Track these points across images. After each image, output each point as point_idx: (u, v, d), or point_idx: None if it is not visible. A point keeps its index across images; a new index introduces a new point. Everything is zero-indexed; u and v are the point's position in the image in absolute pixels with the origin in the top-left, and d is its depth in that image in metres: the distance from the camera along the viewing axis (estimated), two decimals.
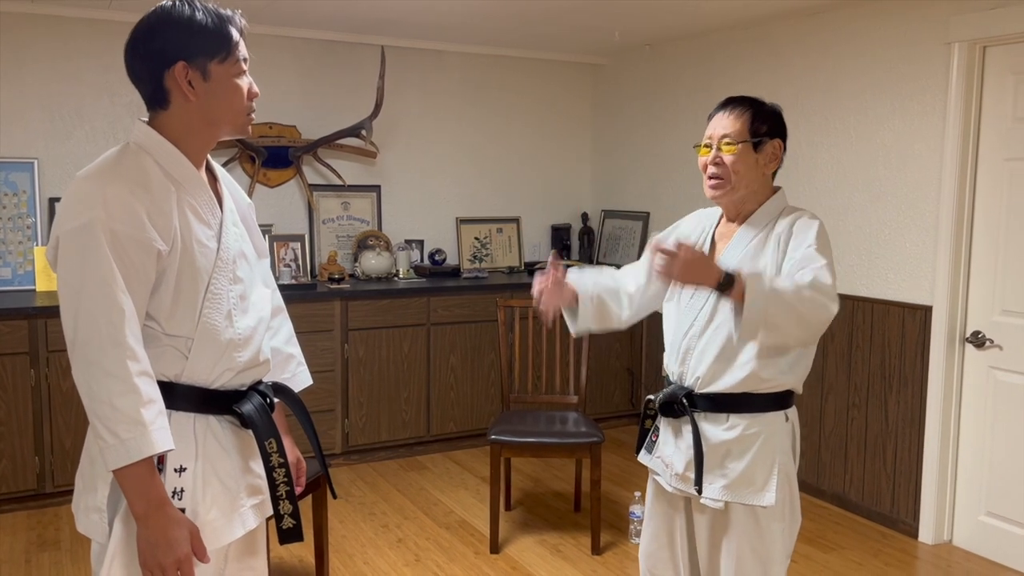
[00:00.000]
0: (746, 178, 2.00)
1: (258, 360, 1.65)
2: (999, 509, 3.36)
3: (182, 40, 1.52)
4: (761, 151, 2.01)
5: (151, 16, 1.55)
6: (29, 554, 3.33)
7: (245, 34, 1.59)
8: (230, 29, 1.55)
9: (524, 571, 3.24)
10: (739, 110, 2.02)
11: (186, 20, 1.53)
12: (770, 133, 2.01)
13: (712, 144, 2.03)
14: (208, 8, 1.55)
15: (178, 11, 1.53)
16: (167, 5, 1.55)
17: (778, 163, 2.06)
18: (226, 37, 1.54)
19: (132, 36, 1.56)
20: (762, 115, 2.02)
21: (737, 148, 1.99)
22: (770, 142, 2.01)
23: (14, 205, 4.13)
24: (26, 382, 3.69)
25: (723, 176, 2.01)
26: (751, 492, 1.98)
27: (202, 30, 1.52)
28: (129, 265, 1.45)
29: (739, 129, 1.99)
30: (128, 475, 1.43)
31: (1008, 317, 3.30)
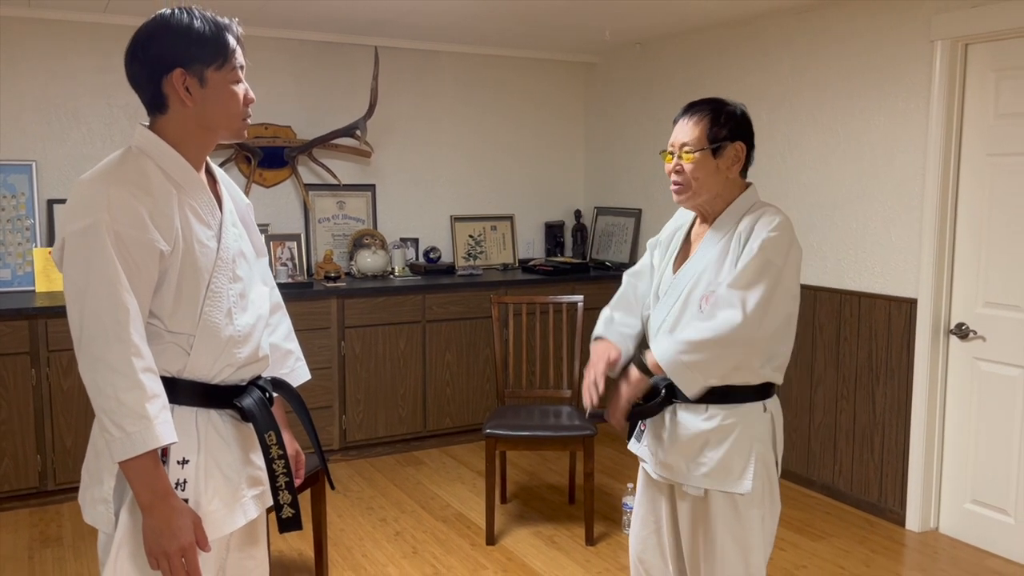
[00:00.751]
0: (706, 184, 2.06)
1: (257, 356, 1.71)
2: (984, 497, 3.43)
3: (180, 47, 1.57)
4: (721, 156, 2.05)
5: (151, 23, 1.60)
6: (32, 550, 3.39)
7: (242, 42, 1.65)
8: (227, 37, 1.60)
9: (519, 562, 3.30)
10: (698, 116, 2.07)
11: (184, 28, 1.58)
12: (730, 136, 2.06)
13: (674, 152, 2.09)
14: (206, 16, 1.60)
15: (177, 19, 1.58)
16: (166, 13, 1.60)
17: (741, 164, 2.10)
18: (223, 45, 1.59)
19: (132, 42, 1.61)
20: (721, 120, 2.06)
21: (695, 156, 2.04)
22: (731, 145, 2.06)
23: (13, 207, 4.18)
24: (27, 382, 3.74)
25: (684, 183, 2.07)
26: (729, 480, 2.05)
27: (200, 38, 1.58)
28: (132, 265, 1.51)
29: (697, 136, 2.05)
30: (134, 467, 1.49)
31: (991, 309, 3.37)
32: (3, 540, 3.48)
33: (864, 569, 3.25)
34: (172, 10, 1.60)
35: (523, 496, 3.99)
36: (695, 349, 1.96)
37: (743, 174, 2.16)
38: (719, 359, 1.97)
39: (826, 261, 3.95)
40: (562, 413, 3.63)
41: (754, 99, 4.28)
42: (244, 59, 1.65)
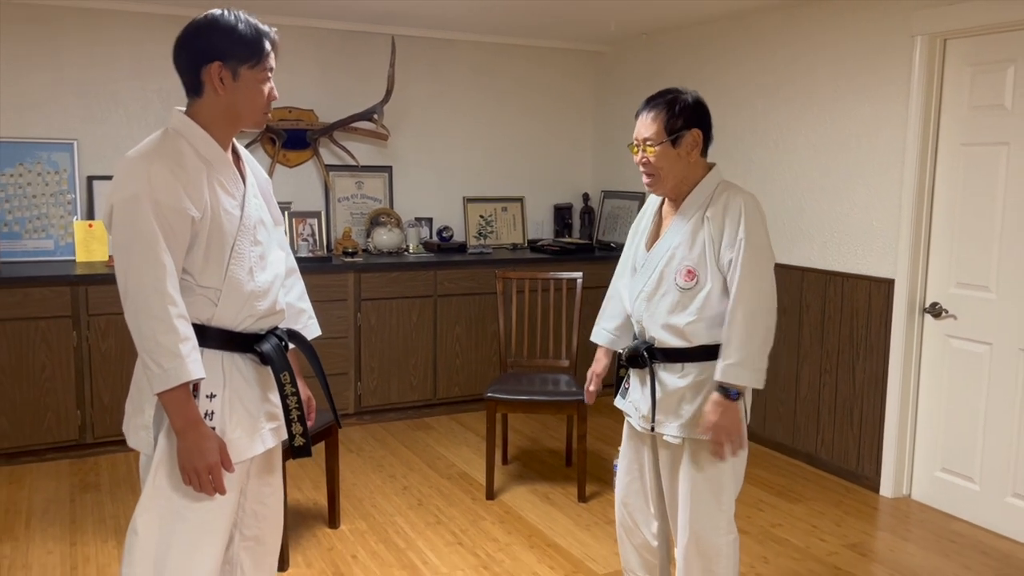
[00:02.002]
0: (671, 171, 2.32)
1: (275, 309, 1.99)
2: (953, 465, 3.66)
3: (222, 44, 1.84)
4: (680, 144, 2.30)
5: (202, 19, 1.87)
6: (73, 495, 3.72)
7: (277, 47, 1.92)
8: (264, 42, 1.87)
9: (516, 515, 3.59)
10: (655, 112, 2.31)
11: (229, 28, 1.85)
12: (686, 125, 2.30)
13: (639, 146, 2.34)
14: (250, 22, 1.87)
15: (224, 19, 1.86)
16: (216, 13, 1.87)
17: (699, 148, 2.35)
18: (260, 48, 1.86)
19: (183, 32, 1.88)
20: (676, 112, 2.30)
21: (657, 149, 2.30)
22: (688, 133, 2.31)
23: (55, 182, 4.50)
24: (68, 343, 4.07)
25: (652, 173, 2.33)
26: (703, 429, 2.31)
27: (240, 39, 1.85)
28: (168, 228, 1.79)
29: (657, 131, 2.30)
30: (170, 398, 1.78)
31: (962, 289, 3.59)
32: (47, 486, 3.82)
33: (835, 528, 3.50)
34: (223, 11, 1.87)
35: (523, 459, 4.28)
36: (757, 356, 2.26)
37: (705, 154, 2.41)
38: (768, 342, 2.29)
39: (813, 243, 4.17)
40: (560, 381, 3.90)
41: (749, 89, 4.51)
42: (275, 63, 1.92)
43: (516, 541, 3.33)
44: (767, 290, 2.27)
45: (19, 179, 4.42)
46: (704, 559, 2.36)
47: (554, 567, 3.12)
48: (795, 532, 3.45)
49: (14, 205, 4.41)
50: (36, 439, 4.06)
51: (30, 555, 3.15)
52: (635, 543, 2.57)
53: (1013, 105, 3.35)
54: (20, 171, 4.42)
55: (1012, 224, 3.37)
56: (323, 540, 3.32)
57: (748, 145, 4.51)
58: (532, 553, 3.23)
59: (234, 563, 2.14)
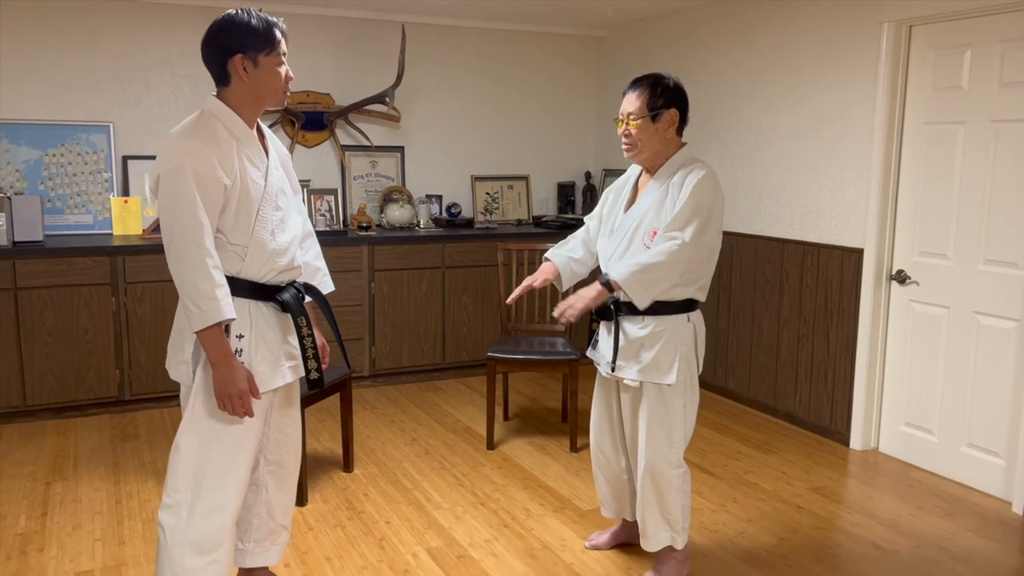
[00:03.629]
0: (648, 143, 2.65)
1: (293, 264, 2.35)
2: (915, 419, 3.97)
3: (241, 38, 2.20)
4: (659, 121, 2.64)
5: (220, 20, 2.23)
6: (115, 444, 4.13)
7: (286, 35, 2.27)
8: (275, 32, 2.23)
9: (513, 462, 3.95)
10: (639, 91, 2.65)
11: (244, 24, 2.20)
12: (666, 105, 2.64)
13: (623, 119, 2.67)
14: (260, 16, 2.22)
15: (239, 17, 2.21)
16: (232, 13, 2.23)
17: (675, 126, 2.68)
18: (272, 37, 2.22)
19: (207, 33, 2.24)
20: (657, 92, 2.64)
21: (639, 123, 2.63)
22: (666, 112, 2.64)
23: (94, 161, 4.89)
24: (108, 308, 4.47)
25: (631, 143, 2.66)
26: (658, 374, 2.65)
27: (255, 32, 2.20)
28: (206, 194, 2.15)
29: (639, 107, 2.63)
30: (206, 335, 2.14)
31: (925, 257, 3.89)
32: (91, 436, 4.23)
33: (803, 475, 3.83)
34: (237, 10, 2.23)
35: (523, 416, 4.64)
36: (646, 271, 2.54)
37: (680, 133, 2.74)
38: (664, 279, 2.56)
39: (793, 217, 4.48)
40: (556, 343, 4.24)
41: (736, 72, 4.81)
42: (287, 47, 2.27)
43: (511, 483, 3.70)
44: (691, 239, 2.53)
45: (61, 159, 4.81)
46: (657, 488, 2.72)
47: (544, 504, 3.49)
48: (766, 478, 3.79)
49: (56, 183, 4.81)
50: (80, 395, 4.47)
51: (80, 491, 3.56)
52: (607, 477, 2.94)
53: (969, 87, 3.64)
54: (62, 151, 4.81)
55: (968, 197, 3.67)
56: (338, 482, 3.70)
57: (735, 125, 4.81)
58: (525, 493, 3.60)
59: (260, 484, 2.52)
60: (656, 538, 2.77)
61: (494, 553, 3.05)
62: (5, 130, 4.68)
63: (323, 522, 3.29)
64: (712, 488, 3.67)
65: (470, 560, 3.00)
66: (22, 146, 4.72)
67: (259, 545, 2.56)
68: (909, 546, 3.15)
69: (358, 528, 3.24)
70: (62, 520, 3.28)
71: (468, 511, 3.41)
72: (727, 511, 3.44)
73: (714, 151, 4.96)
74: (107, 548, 3.05)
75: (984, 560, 3.05)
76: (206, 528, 2.23)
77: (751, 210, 4.75)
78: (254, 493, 2.52)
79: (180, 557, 2.22)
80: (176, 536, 2.23)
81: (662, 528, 2.76)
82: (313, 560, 2.98)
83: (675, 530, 2.76)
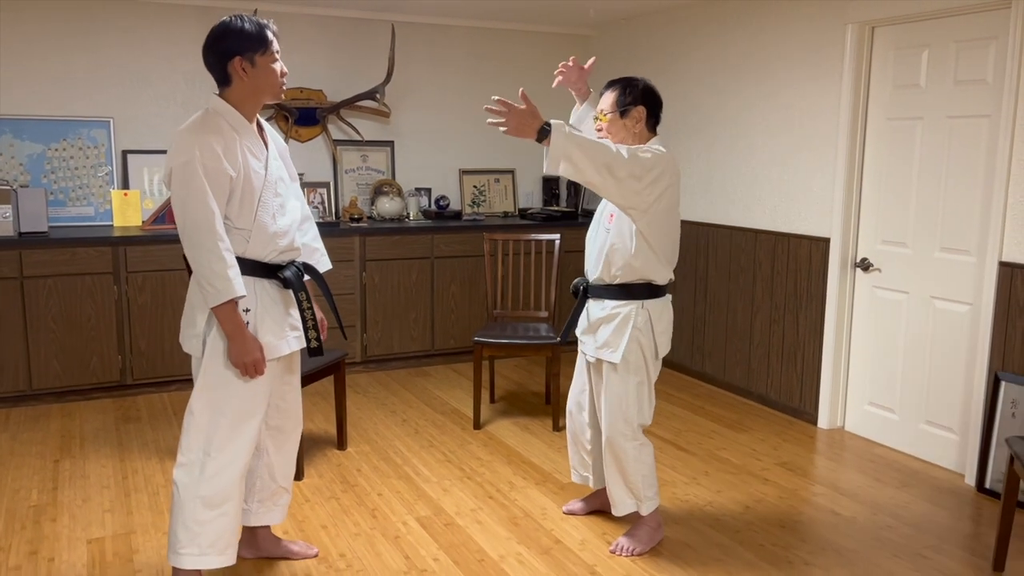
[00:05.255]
0: (618, 136, 2.89)
1: (293, 246, 2.57)
2: (878, 399, 4.21)
3: (237, 42, 2.41)
4: (627, 116, 2.87)
5: (218, 28, 2.43)
6: (118, 425, 4.33)
7: (277, 35, 2.48)
8: (267, 33, 2.44)
9: (498, 440, 4.17)
10: (612, 89, 2.91)
11: (239, 29, 2.41)
12: (634, 103, 2.87)
13: (597, 115, 2.91)
14: (252, 20, 2.44)
15: (234, 24, 2.42)
16: (227, 20, 2.44)
17: (643, 122, 2.90)
18: (264, 38, 2.43)
19: (206, 41, 2.44)
20: (626, 92, 2.88)
21: (609, 117, 2.87)
22: (634, 109, 2.88)
23: (95, 156, 5.08)
24: (110, 296, 4.66)
25: (603, 137, 2.89)
26: (608, 352, 2.89)
27: (249, 35, 2.41)
28: (214, 184, 2.35)
29: (611, 103, 2.88)
30: (221, 310, 2.35)
31: (887, 246, 4.12)
32: (95, 418, 4.42)
33: (771, 451, 4.06)
34: (231, 17, 2.44)
35: (509, 399, 4.86)
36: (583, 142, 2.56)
37: (653, 129, 2.96)
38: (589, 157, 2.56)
39: (765, 208, 4.71)
40: (540, 328, 4.46)
41: (714, 69, 5.03)
42: (279, 46, 2.48)
43: (496, 459, 3.92)
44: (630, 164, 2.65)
45: (63, 153, 4.99)
46: (616, 459, 2.96)
47: (526, 477, 3.71)
48: (736, 454, 4.02)
49: (59, 176, 4.99)
50: (83, 380, 4.66)
51: (87, 468, 3.76)
52: (577, 446, 3.18)
53: (927, 84, 3.86)
54: (64, 145, 4.99)
55: (925, 189, 3.90)
56: (332, 459, 3.91)
57: (713, 120, 5.03)
58: (509, 467, 3.82)
59: (261, 448, 2.74)
60: (622, 504, 3.02)
61: (479, 521, 3.27)
62: (10, 125, 4.86)
63: (318, 495, 3.50)
64: (685, 463, 3.90)
65: (456, 527, 3.21)
66: (26, 140, 4.90)
67: (262, 505, 2.78)
68: (866, 513, 3.38)
69: (352, 500, 3.45)
70: (72, 494, 3.48)
71: (455, 484, 3.62)
72: (698, 484, 3.67)
73: (694, 145, 5.18)
74: (116, 518, 3.26)
75: (933, 525, 3.29)
76: (216, 484, 2.44)
77: (726, 202, 4.98)
78: (256, 457, 2.73)
79: (193, 511, 2.44)
80: (189, 492, 2.44)
81: (626, 496, 3.00)
82: (310, 528, 3.19)
83: (638, 497, 3.00)
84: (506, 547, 3.05)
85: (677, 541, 3.12)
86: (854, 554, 3.04)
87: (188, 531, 2.46)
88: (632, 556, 2.98)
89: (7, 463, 3.79)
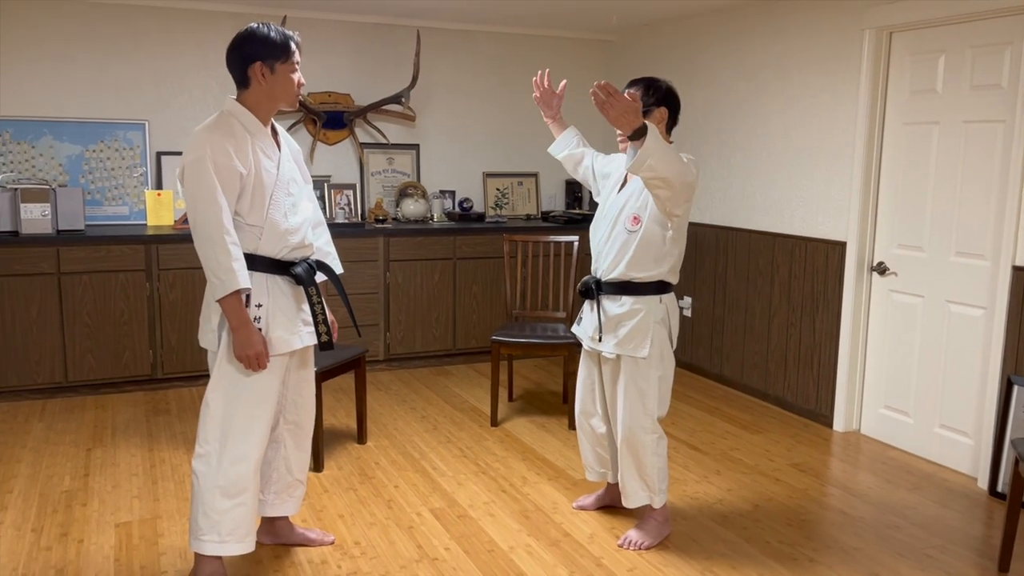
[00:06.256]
0: None
1: (304, 243, 2.67)
2: (893, 402, 4.22)
3: (261, 48, 2.52)
4: (649, 116, 2.92)
5: (244, 32, 2.55)
6: (148, 417, 4.48)
7: (300, 46, 2.59)
8: (291, 43, 2.55)
9: (514, 437, 4.25)
10: (634, 89, 2.94)
11: (264, 36, 2.52)
12: (656, 103, 2.92)
13: None
14: (278, 29, 2.54)
15: (260, 30, 2.53)
16: (254, 26, 2.55)
17: (664, 124, 2.96)
18: (287, 48, 2.53)
19: (232, 43, 2.56)
20: (650, 93, 2.93)
21: None
22: (656, 110, 2.93)
23: (130, 157, 5.25)
24: (143, 293, 4.82)
25: None
26: (632, 348, 2.94)
27: (273, 43, 2.52)
28: (225, 181, 2.46)
29: None
30: (227, 303, 2.46)
31: (903, 250, 4.14)
32: (126, 410, 4.58)
33: (785, 452, 4.10)
34: (258, 24, 2.55)
35: (527, 398, 4.94)
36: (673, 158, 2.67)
37: (669, 131, 3.02)
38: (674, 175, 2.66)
39: (782, 212, 4.74)
40: (557, 329, 4.53)
41: (733, 75, 5.07)
42: (300, 57, 2.59)
43: (512, 456, 4.00)
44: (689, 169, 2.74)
45: (100, 154, 5.18)
46: (634, 451, 3.01)
47: (540, 473, 3.78)
48: (750, 455, 4.06)
49: (96, 176, 5.17)
50: (116, 373, 4.83)
51: (117, 456, 3.91)
52: (591, 443, 3.24)
53: (943, 89, 3.88)
54: (101, 147, 5.17)
55: (941, 193, 3.91)
56: (352, 452, 4.02)
57: (731, 124, 5.08)
58: (524, 463, 3.90)
59: (279, 441, 2.84)
60: (635, 496, 3.07)
61: (491, 514, 3.35)
62: (50, 127, 5.05)
63: (337, 486, 3.61)
64: (697, 462, 3.95)
65: (469, 519, 3.30)
66: (65, 142, 5.09)
67: (278, 497, 2.89)
68: (874, 513, 3.41)
69: (369, 491, 3.56)
70: (102, 480, 3.62)
71: (470, 478, 3.71)
72: (709, 482, 3.72)
73: (713, 149, 5.23)
74: (143, 504, 3.39)
75: (942, 526, 3.31)
76: (233, 474, 2.55)
77: (745, 205, 5.02)
78: (274, 449, 2.84)
79: (211, 500, 2.55)
80: (207, 481, 2.55)
81: (640, 488, 3.05)
82: (327, 517, 3.30)
83: (652, 490, 3.05)
84: (516, 539, 3.13)
85: (684, 536, 3.17)
86: (859, 552, 3.07)
87: (208, 519, 2.57)
88: (640, 550, 3.04)
89: (42, 450, 3.95)
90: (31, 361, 4.65)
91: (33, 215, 4.65)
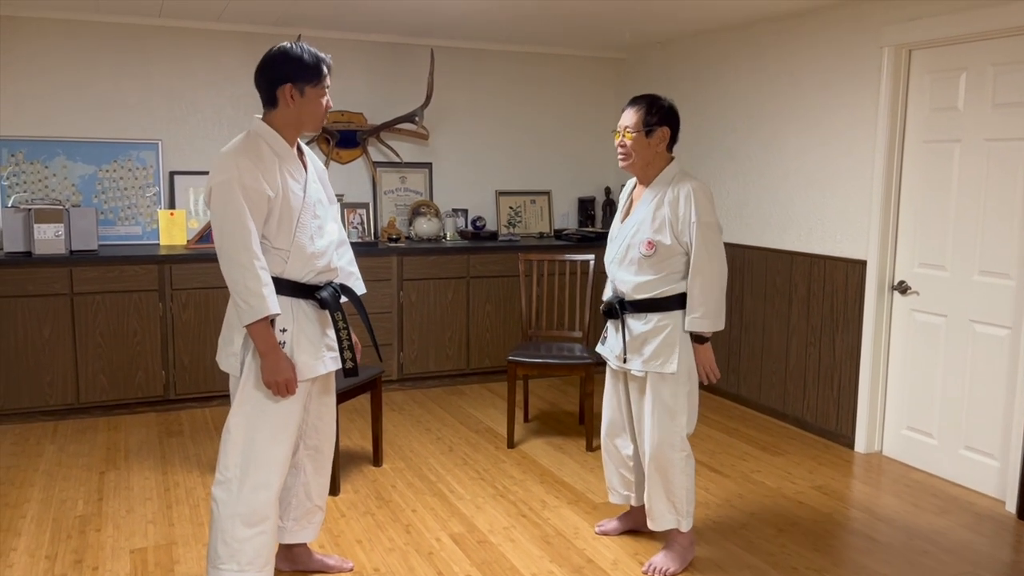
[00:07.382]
0: (641, 154, 2.91)
1: (330, 267, 2.64)
2: (916, 423, 4.16)
3: (293, 70, 2.48)
4: (652, 136, 2.90)
5: (277, 51, 2.51)
6: (161, 439, 4.44)
7: (331, 70, 2.55)
8: (323, 67, 2.51)
9: (531, 459, 4.20)
10: (636, 107, 2.92)
11: (297, 58, 2.49)
12: (659, 123, 2.90)
13: (620, 131, 2.93)
14: (312, 51, 2.51)
15: (294, 51, 2.50)
16: (287, 46, 2.51)
17: (666, 142, 2.94)
18: (319, 71, 2.50)
19: (262, 61, 2.52)
20: (652, 111, 2.91)
21: (634, 135, 2.90)
22: (659, 129, 2.91)
23: (143, 176, 5.24)
24: (155, 313, 4.79)
25: (626, 153, 2.93)
26: (660, 364, 2.90)
27: (306, 65, 2.49)
28: (252, 204, 2.43)
29: (636, 121, 2.90)
30: (255, 328, 2.42)
31: (925, 269, 4.09)
32: (139, 432, 4.54)
33: (807, 475, 4.04)
34: (291, 44, 2.52)
35: (543, 418, 4.89)
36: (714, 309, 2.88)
37: (670, 149, 3.00)
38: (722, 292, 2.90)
39: (800, 230, 4.70)
40: (573, 348, 4.49)
41: (747, 93, 5.05)
42: (330, 82, 2.55)
43: (529, 478, 3.94)
44: (717, 255, 2.86)
45: (113, 174, 5.16)
46: (662, 471, 2.95)
47: (559, 496, 3.73)
48: (771, 477, 4.00)
49: (109, 196, 5.16)
50: (129, 394, 4.79)
51: (131, 479, 3.86)
52: (616, 464, 3.18)
53: (964, 107, 3.85)
54: (114, 167, 5.16)
55: (963, 212, 3.87)
56: (368, 474, 3.97)
57: (746, 143, 5.05)
58: (542, 487, 3.84)
59: (299, 467, 2.80)
60: (662, 519, 3.01)
61: (511, 539, 3.29)
62: (63, 147, 5.04)
63: (354, 510, 3.55)
64: (719, 486, 3.89)
65: (489, 545, 3.24)
66: (78, 162, 5.08)
67: (297, 523, 2.84)
68: (902, 538, 3.35)
69: (386, 515, 3.50)
70: (116, 504, 3.58)
71: (488, 502, 3.66)
72: (732, 506, 3.65)
73: (726, 167, 5.20)
74: (158, 529, 3.34)
75: (971, 552, 3.24)
76: (253, 502, 2.51)
77: (761, 224, 4.98)
78: (293, 475, 2.79)
79: (231, 528, 2.50)
80: (227, 509, 2.50)
81: (667, 510, 3.00)
82: (345, 543, 3.24)
83: (680, 513, 3.00)
84: (538, 566, 3.07)
85: (709, 562, 3.11)
86: None
87: (228, 547, 2.52)
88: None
89: (55, 474, 3.91)
90: (43, 383, 4.62)
91: (46, 235, 4.63)
